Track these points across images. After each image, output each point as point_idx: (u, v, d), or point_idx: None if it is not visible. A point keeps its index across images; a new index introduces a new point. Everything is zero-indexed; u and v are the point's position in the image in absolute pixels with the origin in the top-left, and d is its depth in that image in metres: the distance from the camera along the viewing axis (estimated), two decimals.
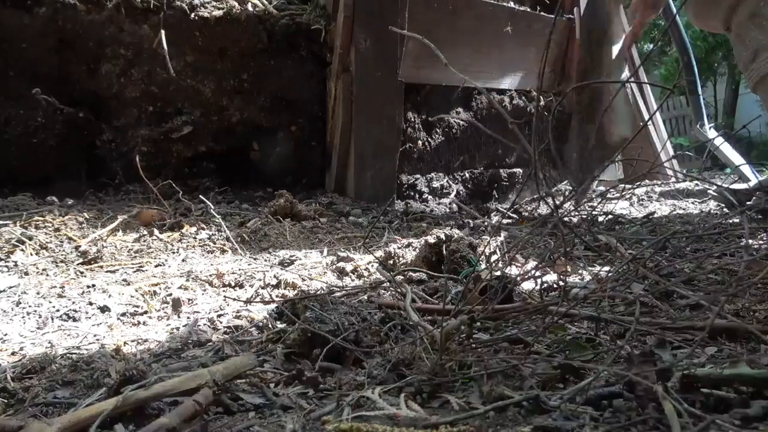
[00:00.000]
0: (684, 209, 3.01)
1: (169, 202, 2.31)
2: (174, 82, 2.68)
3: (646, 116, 4.28)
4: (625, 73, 2.86)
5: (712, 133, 3.69)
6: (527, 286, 1.32)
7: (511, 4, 3.41)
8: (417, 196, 3.14)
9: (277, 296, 1.34)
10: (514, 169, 3.58)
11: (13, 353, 1.01)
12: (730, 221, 1.89)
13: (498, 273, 1.18)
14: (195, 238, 1.92)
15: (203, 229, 2.03)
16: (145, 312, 1.24)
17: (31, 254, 1.65)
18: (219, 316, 1.20)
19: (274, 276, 1.48)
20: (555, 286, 1.30)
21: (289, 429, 0.68)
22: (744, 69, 1.65)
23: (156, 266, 1.61)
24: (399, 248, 1.69)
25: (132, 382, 0.80)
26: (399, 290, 1.24)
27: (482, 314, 0.93)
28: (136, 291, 1.35)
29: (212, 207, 2.16)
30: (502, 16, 3.24)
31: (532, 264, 1.39)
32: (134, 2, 2.57)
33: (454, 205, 3.10)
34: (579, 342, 0.94)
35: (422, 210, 2.87)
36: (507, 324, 1.05)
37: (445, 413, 0.72)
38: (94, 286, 1.39)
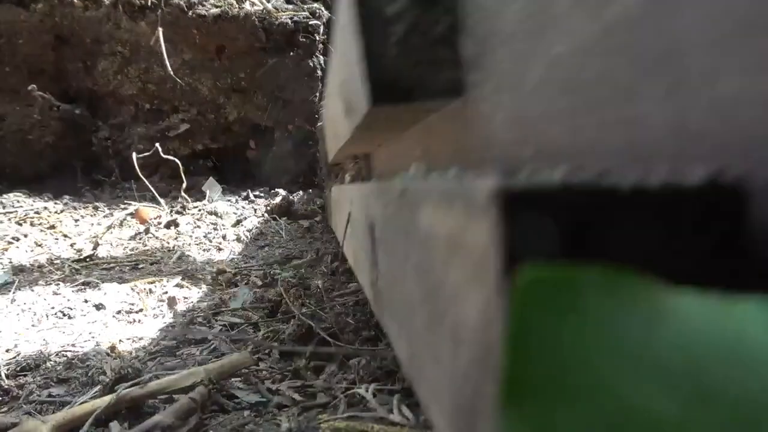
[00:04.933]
0: None
1: (165, 200, 2.30)
2: (171, 80, 2.68)
3: None
4: None
5: None
6: None
7: None
8: None
9: (272, 294, 1.34)
10: None
11: (7, 350, 1.01)
12: None
13: None
14: (191, 236, 1.92)
15: (199, 227, 2.02)
16: (141, 310, 1.23)
17: (27, 251, 1.64)
18: (214, 314, 1.20)
19: (270, 274, 1.48)
20: None
21: (284, 427, 0.68)
22: None
23: (152, 264, 1.61)
24: None
25: (127, 379, 0.80)
26: None
27: None
28: (132, 289, 1.35)
29: (208, 205, 2.16)
30: None
31: None
32: None
33: None
34: None
35: None
36: None
37: None
38: (89, 283, 1.38)
